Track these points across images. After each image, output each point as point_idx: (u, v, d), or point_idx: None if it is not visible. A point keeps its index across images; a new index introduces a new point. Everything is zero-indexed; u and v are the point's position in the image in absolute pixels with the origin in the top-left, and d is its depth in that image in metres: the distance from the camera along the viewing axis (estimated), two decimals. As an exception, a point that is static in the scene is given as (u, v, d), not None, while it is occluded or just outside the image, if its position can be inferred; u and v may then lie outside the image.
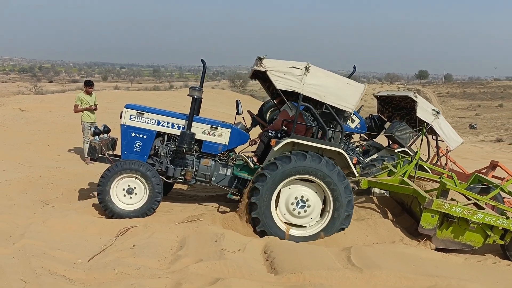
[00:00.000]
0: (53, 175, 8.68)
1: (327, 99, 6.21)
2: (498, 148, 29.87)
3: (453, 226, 6.25)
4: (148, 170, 6.27)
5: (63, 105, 17.94)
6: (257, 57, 6.12)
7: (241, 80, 68.51)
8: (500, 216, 6.19)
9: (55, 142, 11.95)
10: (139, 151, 6.63)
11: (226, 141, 6.70)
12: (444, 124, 9.27)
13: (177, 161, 6.67)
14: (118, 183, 6.30)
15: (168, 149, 6.66)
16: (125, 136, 6.64)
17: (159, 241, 5.28)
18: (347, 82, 6.30)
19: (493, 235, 6.22)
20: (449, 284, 4.73)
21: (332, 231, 6.19)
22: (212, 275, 4.48)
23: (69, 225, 5.70)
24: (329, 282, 4.59)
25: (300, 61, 6.18)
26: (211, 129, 6.68)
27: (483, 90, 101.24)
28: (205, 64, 6.48)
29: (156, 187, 6.28)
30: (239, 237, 5.72)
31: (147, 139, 6.64)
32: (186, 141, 6.39)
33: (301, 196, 6.24)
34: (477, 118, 73.48)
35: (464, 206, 6.23)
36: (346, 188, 6.16)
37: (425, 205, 6.17)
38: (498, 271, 5.87)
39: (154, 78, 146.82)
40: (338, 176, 6.11)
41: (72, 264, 4.55)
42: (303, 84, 6.12)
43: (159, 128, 6.66)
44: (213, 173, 6.75)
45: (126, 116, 6.64)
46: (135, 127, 6.62)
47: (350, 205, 6.19)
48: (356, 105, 6.34)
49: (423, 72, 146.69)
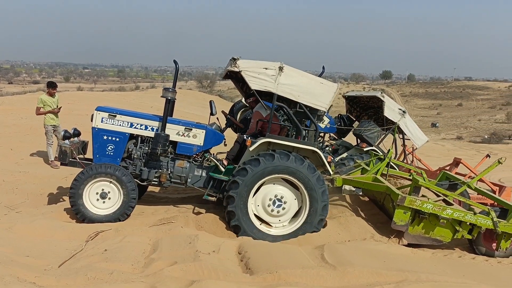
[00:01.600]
0: (17, 180, 8.41)
1: (301, 98, 6.30)
2: (459, 146, 30.88)
3: (424, 222, 6.43)
4: (124, 175, 6.16)
5: (25, 106, 17.40)
6: (231, 57, 6.14)
7: (208, 81, 68.20)
8: (468, 212, 6.42)
9: (18, 145, 11.57)
10: (112, 154, 6.47)
11: (201, 142, 6.65)
12: (410, 123, 9.53)
13: (151, 163, 6.57)
14: (92, 187, 6.15)
15: (142, 151, 6.56)
16: (97, 139, 6.47)
17: (131, 245, 5.20)
18: (320, 82, 6.41)
19: (462, 230, 6.43)
20: (419, 278, 4.87)
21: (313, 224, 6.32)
22: (187, 277, 4.44)
23: (37, 230, 5.55)
24: (304, 280, 4.64)
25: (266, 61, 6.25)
26: (185, 130, 6.61)
27: (444, 90, 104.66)
28: (177, 64, 6.42)
29: (131, 192, 6.18)
30: (213, 239, 5.71)
31: (120, 142, 6.50)
32: (161, 142, 6.31)
33: (279, 196, 6.33)
34: (439, 117, 75.91)
35: (435, 203, 6.43)
36: (324, 193, 6.28)
37: (398, 202, 6.32)
38: (463, 264, 6.11)
39: (119, 79, 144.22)
40: (317, 180, 6.23)
41: (42, 271, 4.41)
42: (278, 84, 6.18)
43: (132, 130, 6.54)
44: (188, 175, 6.69)
45: (98, 119, 6.46)
46: (107, 129, 6.46)
47: (325, 209, 6.33)
48: (329, 104, 6.46)
49: (387, 73, 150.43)
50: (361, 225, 6.75)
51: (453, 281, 4.92)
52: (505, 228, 6.37)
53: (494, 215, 6.35)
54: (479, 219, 6.33)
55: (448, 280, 4.91)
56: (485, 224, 6.34)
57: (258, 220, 6.36)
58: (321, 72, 10.91)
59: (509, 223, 6.38)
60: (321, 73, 10.95)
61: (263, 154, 6.20)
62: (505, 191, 9.55)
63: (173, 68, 6.46)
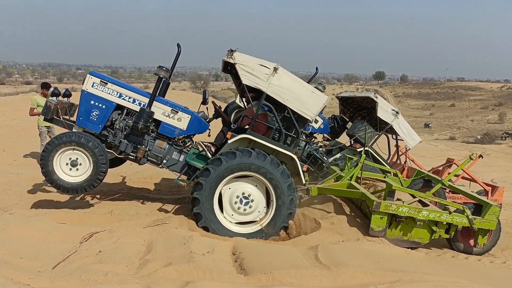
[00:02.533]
0: (10, 181, 8.37)
1: (289, 103, 6.29)
2: (452, 146, 31.08)
3: (401, 225, 6.49)
4: (96, 147, 6.15)
5: (17, 108, 17.33)
6: (229, 49, 6.16)
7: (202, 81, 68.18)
8: (444, 212, 6.48)
9: (11, 147, 11.52)
10: (95, 120, 6.44)
11: (184, 126, 6.63)
12: (403, 123, 9.58)
13: (132, 137, 6.55)
14: (63, 154, 6.18)
15: (125, 123, 6.51)
16: (84, 102, 6.45)
17: (125, 246, 5.20)
18: (311, 91, 6.40)
19: (439, 230, 6.49)
20: (412, 278, 4.91)
21: (275, 228, 6.30)
22: (182, 278, 4.46)
23: (30, 232, 5.53)
24: (298, 280, 4.67)
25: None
26: (171, 112, 6.60)
27: (436, 91, 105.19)
28: (179, 48, 6.41)
29: (101, 165, 6.18)
30: (207, 239, 5.72)
31: (105, 110, 6.48)
32: (144, 118, 6.27)
33: (243, 193, 6.32)
34: (432, 118, 76.27)
35: (410, 205, 6.48)
36: (292, 202, 6.27)
37: (373, 208, 6.36)
38: (456, 264, 6.17)
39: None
40: (282, 175, 6.21)
41: (36, 273, 4.40)
42: (269, 83, 6.20)
43: (119, 101, 6.52)
44: (165, 156, 6.67)
45: (89, 83, 6.46)
46: (96, 95, 6.45)
47: (290, 217, 6.33)
48: (316, 114, 6.45)
49: (380, 73, 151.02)
50: (354, 225, 6.78)
51: (446, 281, 4.97)
52: (481, 225, 6.44)
53: (469, 213, 6.42)
54: (455, 218, 6.40)
55: (442, 280, 4.96)
56: (461, 222, 6.41)
57: (221, 212, 6.33)
58: (315, 73, 10.95)
59: (484, 219, 6.45)
60: (315, 74, 10.99)
61: (241, 150, 6.21)
62: (497, 191, 9.62)
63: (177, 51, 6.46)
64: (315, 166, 9.31)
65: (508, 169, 19.57)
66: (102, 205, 7.17)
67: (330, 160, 9.40)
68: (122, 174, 9.37)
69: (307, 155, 9.56)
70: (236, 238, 6.08)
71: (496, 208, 6.48)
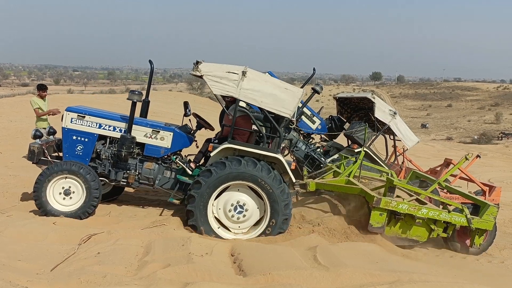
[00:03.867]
0: (7, 183, 8.33)
1: (263, 104, 6.21)
2: (449, 146, 31.16)
3: (400, 223, 6.48)
4: (88, 173, 6.24)
5: (14, 109, 17.29)
6: (194, 61, 6.11)
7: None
8: (443, 210, 6.50)
9: (8, 149, 11.46)
10: (81, 154, 6.53)
11: (168, 144, 6.64)
12: (401, 124, 9.60)
13: (120, 164, 6.59)
14: (56, 183, 6.25)
15: (110, 152, 6.56)
16: (66, 139, 6.56)
17: (124, 248, 5.19)
18: (285, 87, 6.30)
19: (437, 229, 6.50)
20: (411, 278, 4.91)
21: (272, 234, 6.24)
22: (181, 279, 4.45)
23: (28, 234, 5.51)
24: (297, 281, 4.66)
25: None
26: (152, 132, 6.62)
27: (433, 91, 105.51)
28: (152, 64, 6.54)
29: (94, 191, 6.24)
30: (206, 241, 5.72)
31: (89, 142, 6.55)
32: (126, 145, 6.32)
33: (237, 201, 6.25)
34: (428, 118, 76.53)
35: (410, 203, 6.49)
36: (283, 192, 6.18)
37: (373, 204, 6.34)
38: (455, 264, 6.21)
39: (109, 81, 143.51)
40: (274, 181, 6.13)
41: (34, 275, 4.39)
42: (240, 89, 6.11)
43: (100, 131, 6.58)
44: (156, 176, 6.68)
45: (67, 119, 6.55)
46: (76, 130, 6.53)
47: (285, 224, 6.26)
48: (294, 110, 6.36)
49: (377, 74, 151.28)
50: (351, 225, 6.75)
51: (445, 280, 4.97)
52: (478, 225, 6.45)
53: (468, 212, 6.44)
54: (454, 217, 6.41)
55: (440, 280, 4.96)
56: (459, 222, 6.42)
57: (217, 223, 6.28)
58: (312, 74, 10.96)
59: (482, 219, 6.46)
60: (312, 75, 11.00)
61: (230, 159, 6.14)
62: (495, 191, 9.65)
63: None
64: (313, 167, 9.33)
65: (505, 169, 19.63)
66: (100, 207, 7.12)
67: (328, 161, 9.41)
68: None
69: (305, 155, 9.59)
70: (235, 239, 6.07)
71: (494, 208, 6.50)
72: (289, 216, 6.28)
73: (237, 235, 6.27)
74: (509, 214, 9.79)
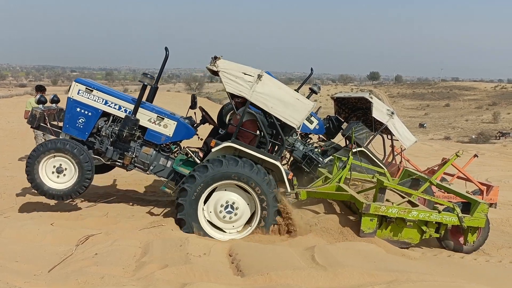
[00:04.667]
0: (5, 184, 8.33)
1: (273, 110, 6.21)
2: (447, 146, 31.22)
3: (392, 226, 6.49)
4: (81, 154, 6.14)
5: (12, 110, 17.27)
6: (213, 56, 6.11)
7: (197, 83, 68.14)
8: (433, 211, 6.50)
9: (6, 150, 11.48)
10: (81, 127, 6.45)
11: (170, 133, 6.60)
12: (398, 124, 9.61)
13: (119, 144, 6.53)
14: (48, 161, 6.17)
15: (111, 130, 6.50)
16: (70, 110, 6.46)
17: (122, 248, 5.18)
18: (297, 98, 6.30)
19: (429, 230, 6.51)
20: (409, 278, 4.91)
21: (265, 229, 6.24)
22: (179, 280, 4.45)
23: (26, 235, 5.49)
24: (295, 281, 4.66)
25: (256, 66, 6.22)
26: (157, 118, 6.59)
27: (431, 91, 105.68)
28: (167, 51, 6.41)
29: (87, 172, 6.16)
30: (204, 241, 5.72)
31: (91, 117, 6.48)
32: (128, 126, 6.25)
33: (232, 202, 6.24)
34: (426, 118, 76.63)
35: (399, 206, 6.48)
36: (275, 198, 6.18)
37: (363, 211, 6.33)
38: (452, 263, 6.20)
39: (107, 82, 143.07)
40: (268, 185, 6.12)
41: (32, 276, 4.38)
42: (253, 91, 6.12)
43: (105, 108, 6.51)
44: (152, 162, 6.65)
45: (74, 90, 6.45)
46: (82, 102, 6.45)
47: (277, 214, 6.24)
48: (301, 121, 6.38)
49: (374, 74, 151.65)
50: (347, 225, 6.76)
51: (442, 280, 4.97)
52: (470, 222, 6.45)
53: (459, 211, 6.45)
54: (445, 217, 6.42)
55: (438, 280, 4.96)
56: (451, 221, 6.42)
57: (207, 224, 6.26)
58: (309, 74, 10.98)
59: (473, 217, 6.47)
60: (310, 75, 11.02)
61: (228, 157, 6.14)
62: (492, 190, 9.68)
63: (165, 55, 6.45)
64: (310, 167, 9.33)
65: (502, 168, 19.69)
66: (98, 208, 7.15)
67: (326, 161, 9.42)
68: (117, 177, 9.34)
69: (303, 155, 9.59)
70: (232, 239, 6.06)
71: (485, 206, 6.51)
72: (277, 222, 6.26)
73: (232, 235, 6.27)
74: (507, 213, 9.81)
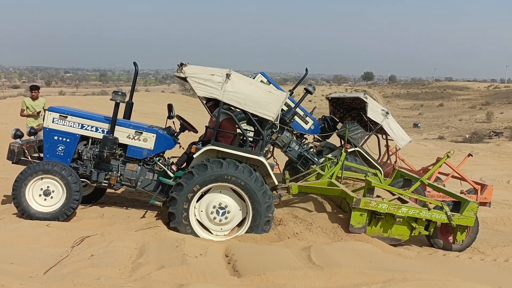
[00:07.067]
0: (-1, 186, 8.26)
1: (247, 106, 6.22)
2: (441, 146, 31.37)
3: (381, 222, 6.54)
4: (70, 175, 6.17)
5: (5, 112, 17.18)
6: (178, 63, 6.13)
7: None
8: (423, 208, 6.55)
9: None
10: (62, 155, 6.47)
11: (151, 146, 6.61)
12: (393, 123, 9.65)
13: (102, 165, 6.54)
14: (36, 183, 6.18)
15: (92, 153, 6.52)
16: (48, 139, 6.49)
17: (118, 250, 5.17)
18: (268, 90, 6.34)
19: (418, 227, 6.55)
20: (405, 277, 4.93)
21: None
22: (176, 281, 4.44)
23: (21, 237, 5.47)
24: (292, 281, 4.67)
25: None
26: (136, 133, 6.59)
27: (425, 91, 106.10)
28: (136, 66, 6.58)
29: (73, 185, 6.17)
30: (200, 242, 5.72)
31: (70, 143, 6.50)
32: (108, 145, 6.29)
33: (224, 205, 6.22)
34: (420, 117, 76.92)
35: (390, 202, 6.53)
36: (265, 194, 6.15)
37: (353, 205, 6.39)
38: (448, 262, 6.22)
39: (101, 83, 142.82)
40: (256, 182, 6.11)
41: (27, 278, 4.35)
42: (224, 91, 6.13)
43: (83, 131, 6.53)
44: (138, 178, 6.64)
45: (49, 119, 6.49)
46: (58, 130, 6.47)
47: (270, 210, 6.22)
48: (277, 113, 6.36)
49: (368, 74, 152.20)
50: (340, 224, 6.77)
51: (438, 279, 5.00)
52: (459, 221, 6.50)
53: (448, 209, 6.49)
54: (434, 214, 6.46)
55: (434, 279, 4.99)
56: (439, 219, 6.47)
57: (200, 226, 6.26)
58: (304, 74, 11.00)
59: (462, 215, 6.52)
60: (304, 75, 11.04)
61: (212, 161, 6.13)
62: (487, 189, 9.75)
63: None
64: (306, 167, 9.35)
65: (496, 168, 19.84)
66: (93, 209, 7.12)
67: (321, 161, 9.43)
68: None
69: (298, 155, 9.61)
70: (229, 240, 6.06)
71: (474, 205, 6.55)
72: (271, 218, 6.27)
73: (218, 237, 6.25)
74: (501, 212, 9.86)
